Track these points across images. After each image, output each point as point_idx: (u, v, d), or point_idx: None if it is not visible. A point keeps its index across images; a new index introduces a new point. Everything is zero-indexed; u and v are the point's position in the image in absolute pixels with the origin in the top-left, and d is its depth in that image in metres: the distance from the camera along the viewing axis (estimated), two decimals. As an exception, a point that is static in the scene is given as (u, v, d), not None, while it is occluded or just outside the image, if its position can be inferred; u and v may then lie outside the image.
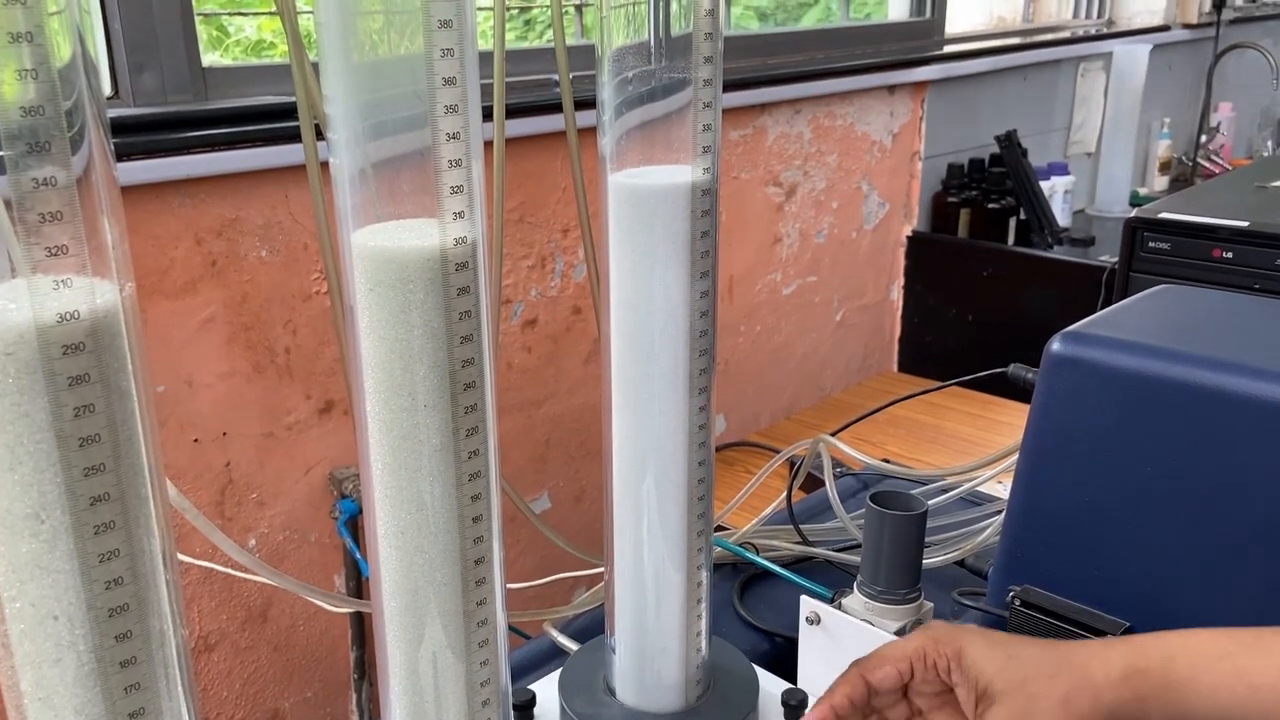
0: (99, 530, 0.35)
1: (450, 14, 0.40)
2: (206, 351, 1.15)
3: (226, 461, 1.21)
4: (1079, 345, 0.67)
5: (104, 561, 0.36)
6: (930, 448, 1.45)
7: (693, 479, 0.59)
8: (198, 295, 1.14)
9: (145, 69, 1.17)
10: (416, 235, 0.43)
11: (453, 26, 0.41)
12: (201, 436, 1.18)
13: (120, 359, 0.36)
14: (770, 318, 1.80)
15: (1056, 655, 0.53)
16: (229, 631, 1.26)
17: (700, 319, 0.56)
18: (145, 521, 0.37)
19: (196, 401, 1.16)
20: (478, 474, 0.47)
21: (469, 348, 0.45)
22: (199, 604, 1.23)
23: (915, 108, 1.97)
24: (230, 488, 1.22)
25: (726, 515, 0.95)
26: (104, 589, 0.36)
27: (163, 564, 0.38)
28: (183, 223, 1.12)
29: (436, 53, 0.40)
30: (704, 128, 0.53)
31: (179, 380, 1.14)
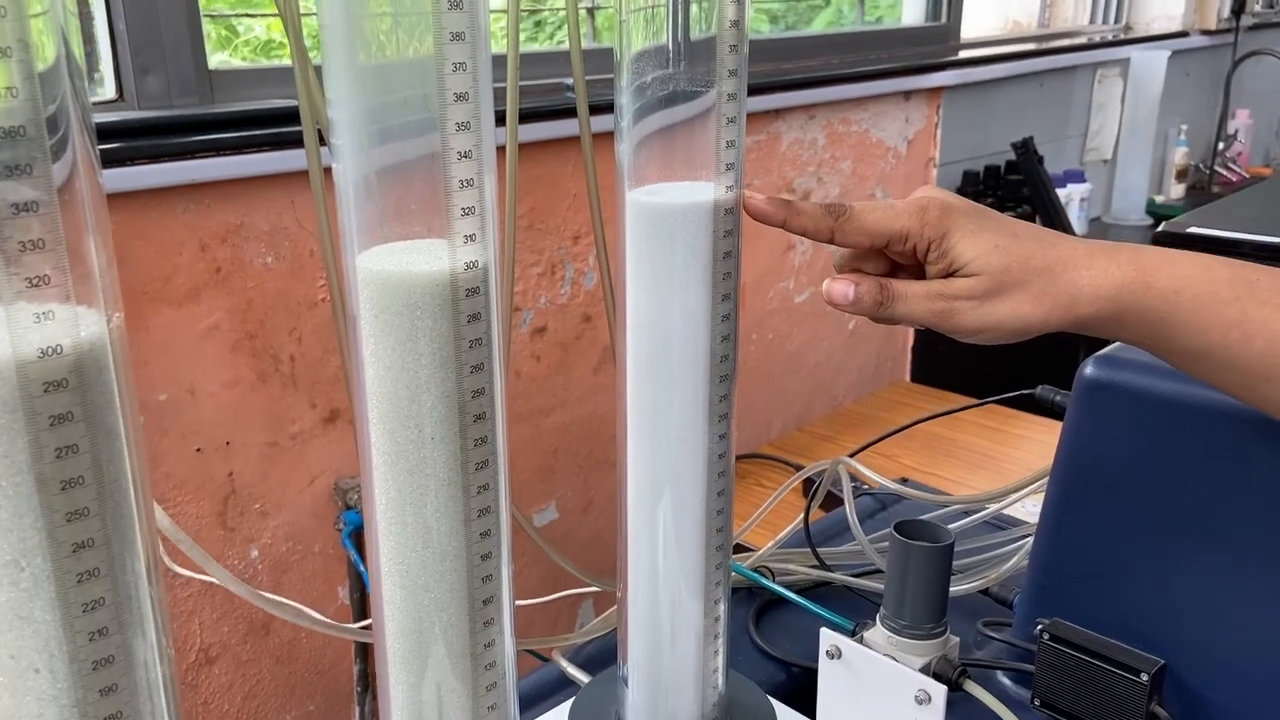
0: (82, 578, 0.33)
1: (463, 25, 0.38)
2: (210, 359, 1.13)
3: (229, 471, 1.18)
4: (1113, 369, 0.64)
5: (88, 611, 0.33)
6: (947, 462, 1.42)
7: (711, 509, 0.56)
8: (201, 302, 1.12)
9: (150, 71, 1.15)
10: (425, 259, 0.41)
11: (465, 39, 0.38)
12: (204, 446, 1.16)
13: (106, 395, 0.34)
14: (783, 325, 1.77)
15: (1047, 255, 0.51)
16: (230, 644, 1.24)
17: (721, 343, 0.53)
18: (133, 567, 0.35)
19: (199, 410, 1.14)
20: (487, 509, 0.44)
21: (480, 377, 0.42)
22: (200, 616, 1.21)
23: (930, 114, 1.94)
24: (233, 498, 1.20)
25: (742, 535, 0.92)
26: (88, 640, 0.34)
27: (152, 612, 0.36)
28: (187, 229, 1.09)
29: (448, 67, 0.38)
30: (727, 144, 0.50)
31: (181, 389, 1.12)
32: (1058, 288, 0.50)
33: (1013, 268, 0.50)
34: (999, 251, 0.50)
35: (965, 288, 0.51)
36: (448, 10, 0.37)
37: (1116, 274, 0.50)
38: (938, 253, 0.51)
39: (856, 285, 0.53)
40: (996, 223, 0.52)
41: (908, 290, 0.52)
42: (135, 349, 1.07)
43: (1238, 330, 0.49)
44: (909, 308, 0.52)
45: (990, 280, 0.50)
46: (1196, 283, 0.49)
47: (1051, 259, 0.51)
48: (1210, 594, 0.63)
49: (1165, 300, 0.50)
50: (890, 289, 0.52)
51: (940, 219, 0.51)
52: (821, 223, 0.52)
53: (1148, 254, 0.51)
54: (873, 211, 0.52)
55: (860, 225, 0.52)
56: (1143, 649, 0.65)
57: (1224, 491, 0.62)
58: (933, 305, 0.51)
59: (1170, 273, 0.50)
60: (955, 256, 0.51)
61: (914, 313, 0.52)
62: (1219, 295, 0.49)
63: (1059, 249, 0.51)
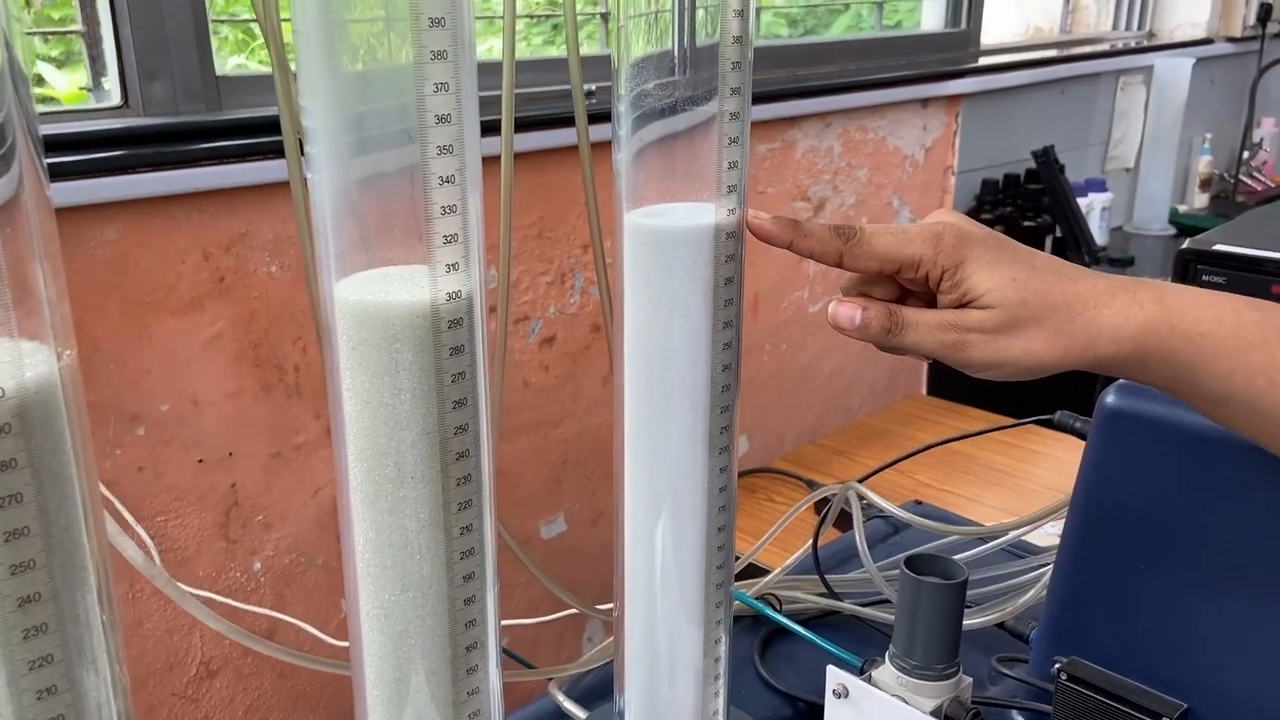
0: (29, 635, 0.31)
1: (445, 43, 0.36)
2: (213, 370, 1.12)
3: (232, 483, 1.17)
4: (1136, 398, 0.61)
5: (35, 669, 0.31)
6: (963, 479, 1.39)
7: (711, 544, 0.54)
8: (205, 312, 1.10)
9: (156, 77, 1.13)
10: (405, 288, 0.39)
11: (448, 58, 0.36)
12: (206, 457, 1.14)
13: (55, 439, 0.31)
14: (796, 336, 1.75)
15: (1066, 291, 0.49)
16: (231, 657, 1.22)
17: (723, 373, 0.51)
18: (86, 621, 0.33)
19: (202, 421, 1.12)
20: (470, 551, 0.42)
21: (463, 412, 0.40)
22: (200, 629, 1.19)
23: (949, 121, 1.91)
24: (235, 509, 1.18)
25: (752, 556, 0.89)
26: (35, 699, 0.31)
27: (108, 664, 0.34)
28: (190, 237, 1.08)
29: (429, 87, 0.36)
30: (729, 165, 0.48)
31: (184, 399, 1.10)
32: (1075, 325, 0.48)
33: (1029, 302, 0.48)
34: (1016, 285, 0.48)
35: (978, 320, 0.48)
36: (428, 28, 0.35)
37: (1139, 314, 0.47)
38: (951, 282, 0.49)
39: (864, 310, 0.50)
40: (1014, 254, 0.49)
41: (918, 319, 0.50)
42: (137, 359, 1.06)
43: (1264, 376, 0.47)
44: (918, 337, 0.49)
45: (1005, 314, 0.48)
46: (1223, 326, 0.47)
47: (1070, 295, 0.48)
48: (1236, 635, 0.60)
49: (1190, 343, 0.47)
50: (899, 316, 0.50)
51: (956, 247, 0.49)
52: (829, 245, 0.50)
53: (1172, 293, 0.48)
54: (884, 235, 0.50)
55: (870, 250, 0.49)
56: (1165, 691, 0.62)
57: (1251, 527, 0.59)
58: (943, 336, 0.49)
59: (1196, 315, 0.47)
60: (970, 287, 0.48)
61: (923, 343, 0.49)
62: (1246, 339, 0.47)
63: (1079, 285, 0.48)
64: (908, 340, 0.50)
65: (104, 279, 1.03)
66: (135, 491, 1.09)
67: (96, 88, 1.15)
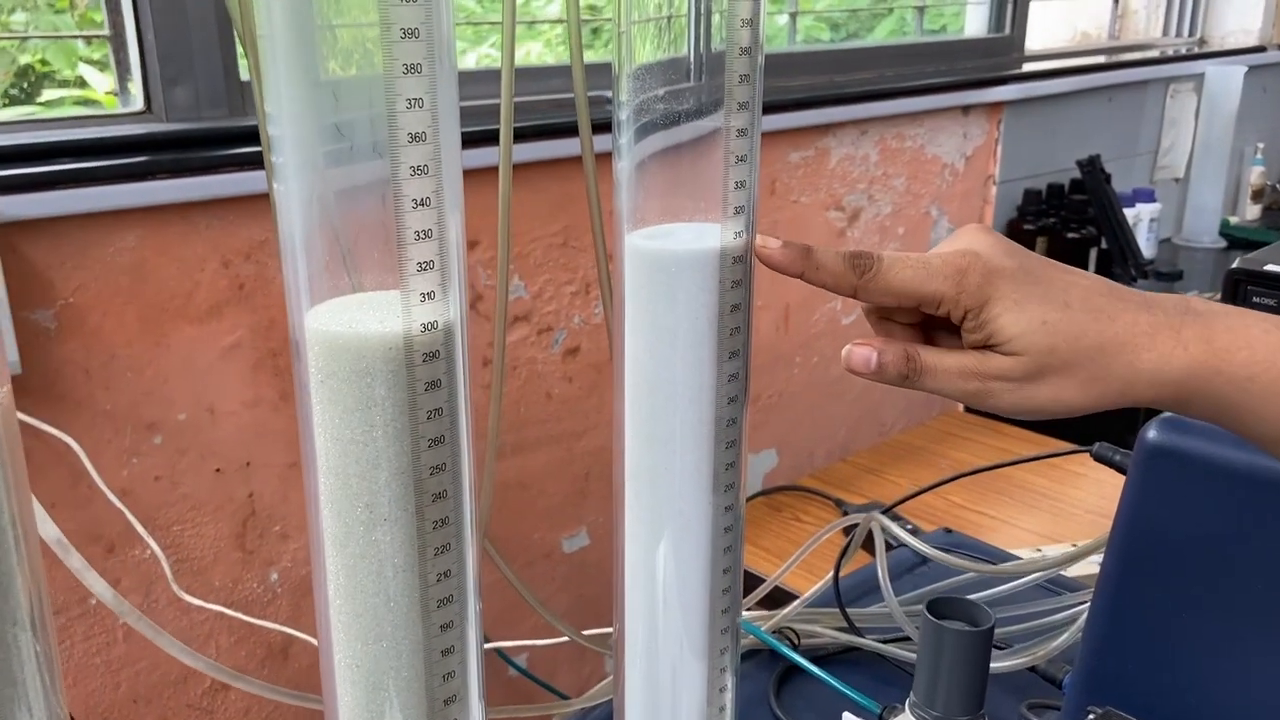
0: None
1: (419, 56, 0.33)
2: (231, 378, 1.10)
3: (249, 493, 1.15)
4: (1179, 434, 0.57)
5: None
6: (997, 500, 1.34)
7: (716, 588, 0.50)
8: (223, 320, 1.09)
9: (178, 82, 1.12)
10: (378, 317, 0.36)
11: (422, 72, 0.33)
12: (224, 467, 1.12)
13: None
14: (829, 348, 1.71)
15: (1103, 332, 0.45)
16: (248, 669, 1.21)
17: (728, 406, 0.48)
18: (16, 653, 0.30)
19: (219, 430, 1.11)
20: (448, 599, 0.39)
21: (439, 451, 0.37)
22: (216, 640, 1.18)
23: (991, 129, 1.86)
24: (252, 520, 1.17)
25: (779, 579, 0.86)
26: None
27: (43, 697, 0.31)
28: (209, 244, 1.06)
29: (400, 103, 0.33)
30: (737, 184, 0.45)
31: (201, 408, 1.09)
32: (1112, 372, 0.44)
33: (1060, 348, 0.44)
34: (1046, 330, 0.44)
35: (1003, 368, 0.45)
36: (400, 39, 0.32)
37: (1182, 357, 0.44)
38: (975, 323, 0.45)
39: (880, 353, 0.46)
40: (1046, 290, 0.45)
41: (939, 365, 0.46)
42: (154, 367, 1.05)
43: None
44: (938, 384, 0.46)
45: (1032, 362, 0.44)
46: (1274, 369, 0.43)
47: (1107, 337, 0.44)
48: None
49: (1237, 388, 0.43)
50: (918, 362, 0.46)
51: (981, 285, 0.45)
52: (843, 279, 0.46)
53: (1222, 330, 0.44)
54: (903, 269, 0.46)
55: (887, 284, 0.46)
56: (1206, 749, 0.58)
57: (1303, 575, 0.55)
58: (965, 384, 0.45)
59: (1246, 357, 0.43)
60: (995, 331, 0.45)
61: (944, 389, 0.46)
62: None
63: (1117, 324, 0.44)
64: (927, 385, 0.46)
65: (122, 286, 1.02)
66: (151, 501, 1.08)
67: (123, 92, 1.14)
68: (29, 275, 0.97)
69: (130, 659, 1.11)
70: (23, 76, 1.19)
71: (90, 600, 1.08)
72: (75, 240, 0.99)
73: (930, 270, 0.45)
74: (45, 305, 0.99)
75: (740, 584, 0.53)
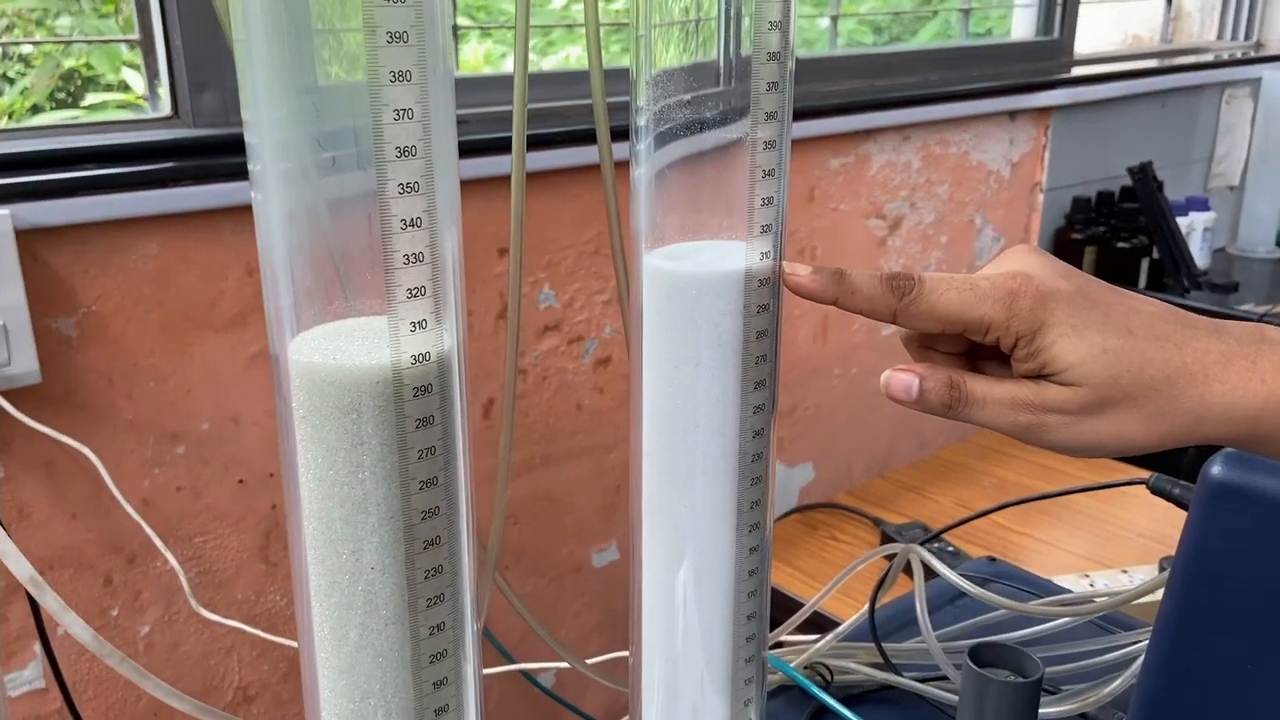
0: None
1: (409, 62, 0.30)
2: (255, 388, 1.08)
3: (273, 504, 1.13)
4: (1246, 470, 0.53)
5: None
6: (1044, 522, 1.29)
7: (739, 634, 0.47)
8: (247, 329, 1.07)
9: (206, 88, 1.11)
10: (367, 347, 0.33)
11: (412, 80, 0.30)
12: (247, 477, 1.11)
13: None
14: (868, 359, 1.66)
15: (1170, 362, 0.40)
16: (270, 683, 1.19)
17: (754, 440, 0.44)
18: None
19: (243, 440, 1.09)
20: (442, 654, 0.36)
21: (432, 494, 0.34)
22: (238, 653, 1.16)
23: (1038, 135, 1.80)
24: (276, 531, 1.15)
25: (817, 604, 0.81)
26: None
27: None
28: (234, 252, 1.04)
29: (388, 115, 0.30)
30: (764, 201, 0.41)
31: (225, 418, 1.07)
32: (1179, 406, 0.40)
33: (1122, 379, 0.40)
34: (1107, 358, 0.40)
35: (1060, 400, 0.41)
36: (386, 44, 0.29)
37: (1259, 390, 0.39)
38: (1027, 350, 0.41)
39: (922, 379, 0.43)
40: (1105, 314, 0.41)
41: (987, 394, 0.42)
42: (178, 376, 1.03)
43: None
44: (986, 415, 0.42)
45: (1092, 394, 0.40)
46: None
47: (1174, 368, 0.40)
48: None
49: None
50: (964, 390, 0.42)
51: (1034, 309, 0.41)
52: (881, 302, 0.43)
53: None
54: (947, 290, 0.42)
55: (929, 308, 0.42)
56: (1273, 812, 0.53)
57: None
58: (1017, 417, 0.41)
59: None
60: (1050, 359, 0.41)
61: (992, 422, 0.42)
62: None
63: (1185, 353, 0.40)
64: (974, 418, 0.42)
65: (145, 294, 1.00)
66: (173, 512, 1.06)
67: (152, 96, 1.13)
68: (50, 282, 0.96)
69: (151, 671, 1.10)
70: (68, 81, 1.19)
71: (112, 611, 1.07)
72: (98, 247, 0.98)
73: (978, 293, 0.41)
74: (67, 313, 0.98)
75: (766, 625, 0.49)
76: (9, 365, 0.93)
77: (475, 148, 1.16)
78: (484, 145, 1.16)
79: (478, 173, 1.18)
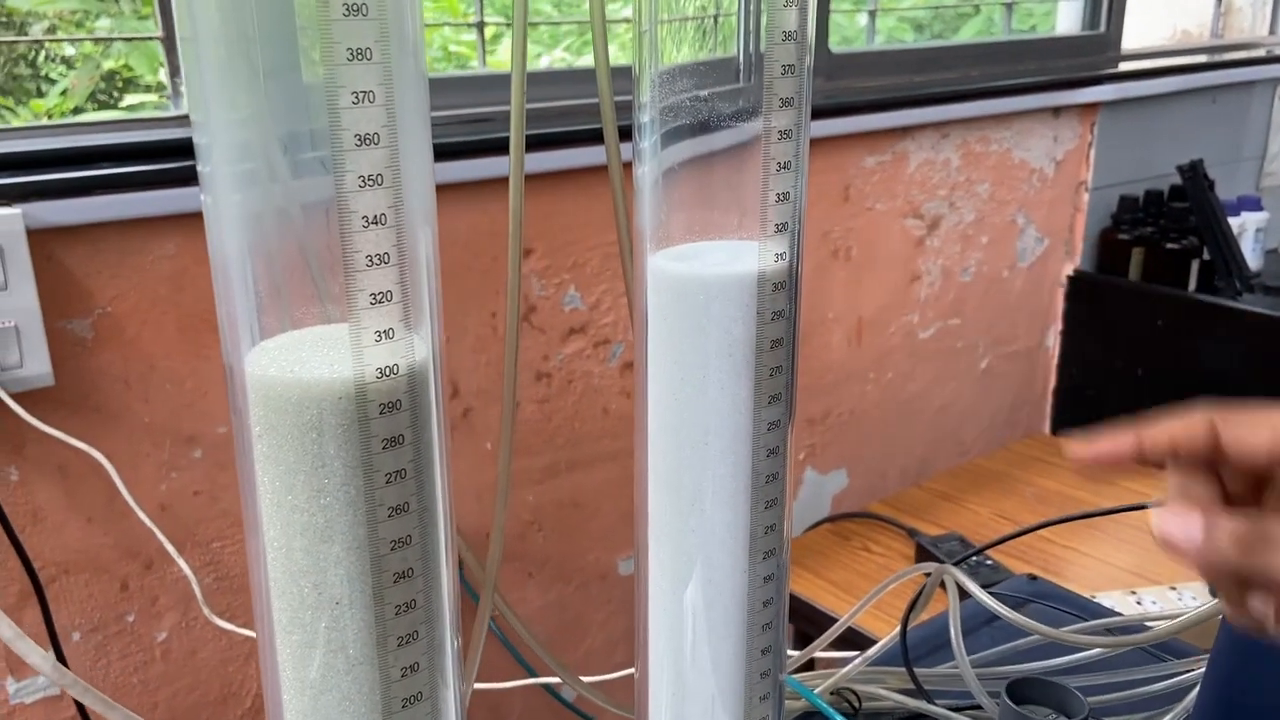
0: None
1: (369, 40, 0.26)
2: (271, 391, 1.06)
3: (290, 509, 1.11)
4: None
5: None
6: (1091, 537, 1.23)
7: (753, 670, 0.43)
8: (271, 331, 1.04)
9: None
10: (330, 359, 0.29)
11: (372, 59, 0.27)
12: (264, 482, 1.08)
13: None
14: (904, 364, 1.61)
15: None
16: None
17: (768, 458, 0.40)
18: None
19: (259, 445, 1.07)
20: (415, 698, 0.32)
21: (403, 522, 0.31)
22: (256, 661, 1.14)
23: (1084, 132, 1.74)
24: (294, 538, 1.12)
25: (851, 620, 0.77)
26: None
27: None
28: (251, 252, 1.02)
29: (345, 98, 0.26)
30: (779, 197, 0.37)
31: (240, 422, 1.05)
32: None
33: None
34: None
35: None
36: (343, 18, 0.26)
37: None
38: None
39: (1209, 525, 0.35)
40: None
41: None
42: (195, 379, 1.01)
43: None
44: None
45: None
46: None
47: None
48: None
49: None
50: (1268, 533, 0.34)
51: None
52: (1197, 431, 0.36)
53: None
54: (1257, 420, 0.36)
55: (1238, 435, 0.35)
56: None
57: None
58: None
59: None
60: None
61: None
62: None
63: None
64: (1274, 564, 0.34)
65: (161, 295, 0.98)
66: (190, 516, 1.04)
67: (175, 95, 1.11)
68: (65, 283, 0.94)
69: (168, 678, 1.08)
70: (109, 82, 1.18)
71: (128, 617, 1.05)
72: (114, 247, 0.96)
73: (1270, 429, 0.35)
74: (82, 314, 0.96)
75: (782, 659, 0.45)
76: (21, 367, 0.92)
77: (497, 146, 1.13)
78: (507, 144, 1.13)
79: (499, 171, 1.15)
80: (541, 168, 1.17)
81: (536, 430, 1.27)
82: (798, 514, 1.53)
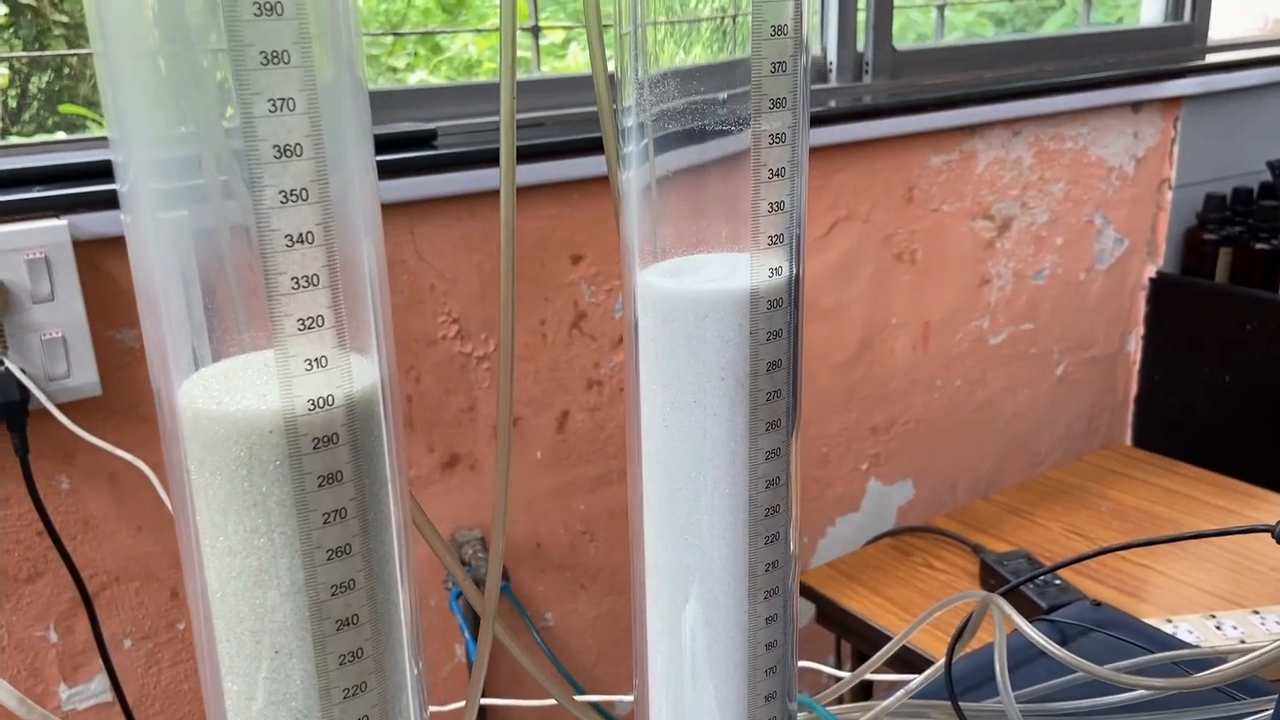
0: None
1: (286, 41, 0.24)
2: (318, 400, 1.05)
3: (338, 519, 1.10)
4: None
5: None
6: (1166, 557, 1.16)
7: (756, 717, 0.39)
8: (311, 339, 1.04)
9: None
10: (262, 390, 0.27)
11: (290, 62, 0.24)
12: (312, 491, 1.08)
13: None
14: (974, 370, 1.55)
15: None
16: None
17: (766, 491, 0.37)
18: None
19: (306, 454, 1.06)
20: (365, 754, 0.30)
21: (344, 565, 0.28)
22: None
23: (1166, 128, 1.66)
24: (342, 547, 1.12)
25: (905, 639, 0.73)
26: None
27: None
28: (296, 260, 1.02)
29: (261, 106, 0.24)
30: (771, 207, 0.34)
31: (287, 431, 1.04)
32: None
33: None
34: None
35: None
36: (254, 18, 0.23)
37: None
38: None
39: None
40: None
41: None
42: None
43: None
44: None
45: None
46: None
47: None
48: None
49: None
50: None
51: None
52: None
53: None
54: None
55: None
56: None
57: None
58: None
59: None
60: None
61: None
62: None
63: None
64: None
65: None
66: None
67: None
68: (113, 293, 0.94)
69: (213, 689, 1.08)
70: None
71: (179, 625, 1.05)
72: (158, 257, 0.96)
73: None
74: (129, 324, 0.97)
75: (789, 706, 0.42)
76: (69, 377, 0.92)
77: (546, 151, 1.11)
78: (557, 148, 1.11)
79: (547, 177, 1.13)
80: (590, 173, 1.14)
81: (588, 439, 1.25)
82: (860, 526, 1.48)
